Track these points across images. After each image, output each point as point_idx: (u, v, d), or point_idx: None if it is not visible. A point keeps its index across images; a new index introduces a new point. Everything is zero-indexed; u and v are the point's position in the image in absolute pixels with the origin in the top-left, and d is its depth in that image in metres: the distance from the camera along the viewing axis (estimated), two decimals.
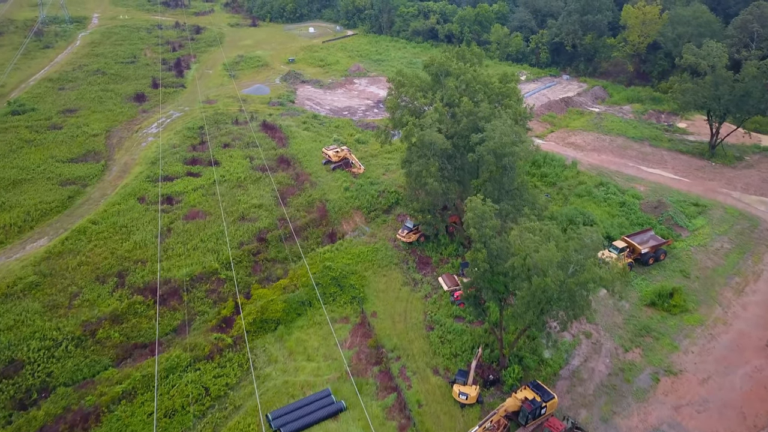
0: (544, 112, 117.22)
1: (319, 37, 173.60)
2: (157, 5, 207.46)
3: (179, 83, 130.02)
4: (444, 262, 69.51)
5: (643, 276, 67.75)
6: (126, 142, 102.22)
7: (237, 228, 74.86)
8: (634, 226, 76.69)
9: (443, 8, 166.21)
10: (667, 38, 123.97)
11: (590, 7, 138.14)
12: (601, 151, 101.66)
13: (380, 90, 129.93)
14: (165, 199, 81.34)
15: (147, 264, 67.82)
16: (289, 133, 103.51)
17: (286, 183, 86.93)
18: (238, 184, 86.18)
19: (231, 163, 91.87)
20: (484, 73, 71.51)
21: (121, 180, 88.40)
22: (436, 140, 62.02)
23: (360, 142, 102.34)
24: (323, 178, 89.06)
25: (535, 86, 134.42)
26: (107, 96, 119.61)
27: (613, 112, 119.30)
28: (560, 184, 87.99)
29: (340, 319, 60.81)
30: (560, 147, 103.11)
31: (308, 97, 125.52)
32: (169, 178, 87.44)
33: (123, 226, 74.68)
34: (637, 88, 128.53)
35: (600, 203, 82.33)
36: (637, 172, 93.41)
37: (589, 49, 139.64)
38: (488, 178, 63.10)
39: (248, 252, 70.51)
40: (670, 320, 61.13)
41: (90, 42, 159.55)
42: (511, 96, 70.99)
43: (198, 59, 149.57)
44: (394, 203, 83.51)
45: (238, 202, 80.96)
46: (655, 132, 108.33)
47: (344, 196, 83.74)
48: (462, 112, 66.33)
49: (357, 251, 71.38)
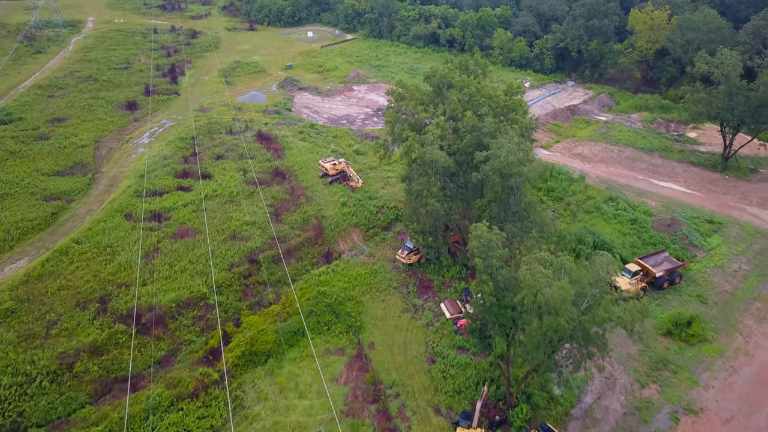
0: (549, 121, 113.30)
1: (318, 41, 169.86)
2: (154, 9, 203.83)
3: (173, 90, 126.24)
4: (446, 286, 65.56)
5: (657, 301, 63.79)
6: (115, 153, 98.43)
7: (228, 248, 70.99)
8: (646, 245, 72.75)
9: (445, 12, 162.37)
10: (676, 44, 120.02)
11: (596, 11, 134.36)
12: (610, 162, 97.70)
13: (380, 97, 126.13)
14: (153, 216, 77.50)
15: (131, 288, 63.97)
16: (284, 144, 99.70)
17: (281, 198, 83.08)
18: (231, 199, 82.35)
19: (224, 177, 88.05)
20: (488, 85, 67.56)
21: (109, 194, 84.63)
22: (438, 158, 58.11)
23: (359, 153, 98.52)
24: (320, 193, 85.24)
25: (540, 93, 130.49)
26: (98, 104, 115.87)
27: (621, 120, 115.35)
28: (568, 199, 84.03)
29: (336, 350, 56.83)
30: (566, 158, 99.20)
31: (306, 105, 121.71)
32: (159, 192, 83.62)
33: (108, 246, 70.85)
34: (645, 95, 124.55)
35: (610, 220, 78.37)
36: (648, 186, 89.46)
37: (594, 54, 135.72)
38: (493, 198, 59.23)
39: (239, 275, 66.61)
40: (688, 351, 57.15)
41: (83, 47, 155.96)
42: (517, 109, 67.03)
43: (193, 65, 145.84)
44: (394, 219, 79.63)
45: (230, 219, 77.10)
46: (664, 142, 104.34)
47: (341, 212, 79.89)
48: (465, 127, 62.39)
49: (354, 273, 67.46)
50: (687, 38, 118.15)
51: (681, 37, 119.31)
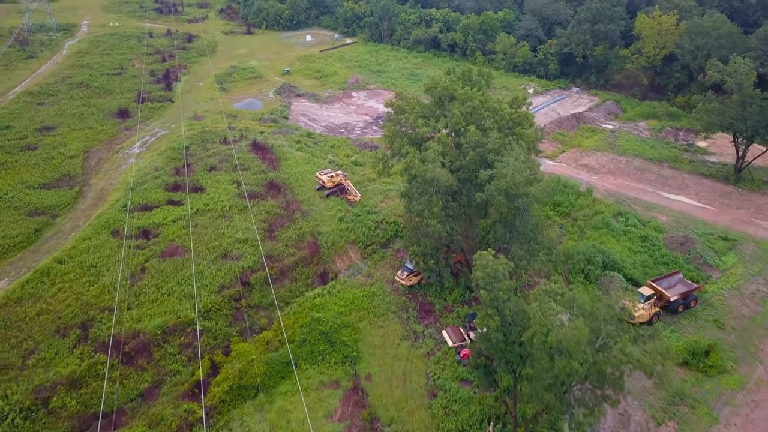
0: (554, 130, 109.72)
1: (316, 45, 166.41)
2: (150, 12, 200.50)
3: (166, 97, 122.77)
4: (449, 311, 61.98)
5: (672, 327, 60.20)
6: (105, 164, 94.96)
7: (218, 268, 67.49)
8: (658, 265, 69.15)
9: (446, 16, 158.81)
10: (685, 50, 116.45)
11: (601, 15, 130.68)
12: (617, 174, 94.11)
13: (379, 104, 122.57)
14: (141, 232, 74.00)
15: (115, 313, 60.46)
16: (280, 155, 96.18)
17: (275, 213, 79.57)
18: (223, 214, 78.86)
19: (216, 190, 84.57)
20: (492, 97, 63.98)
21: (96, 209, 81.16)
22: (440, 177, 54.58)
23: (357, 164, 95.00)
24: (316, 207, 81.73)
25: (544, 100, 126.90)
26: (89, 112, 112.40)
27: (628, 129, 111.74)
28: (575, 214, 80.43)
29: (330, 383, 53.25)
30: (572, 169, 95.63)
31: (303, 113, 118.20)
32: (148, 207, 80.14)
33: (92, 265, 67.36)
34: (652, 102, 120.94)
35: (619, 237, 74.77)
36: (658, 199, 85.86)
37: (600, 60, 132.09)
38: (498, 218, 55.71)
39: (229, 298, 63.09)
40: (707, 383, 53.55)
41: (77, 51, 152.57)
42: (524, 123, 63.49)
43: (188, 70, 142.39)
44: (393, 235, 76.07)
45: (221, 236, 73.60)
46: (674, 152, 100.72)
47: (338, 228, 76.38)
48: (469, 143, 58.87)
49: (351, 296, 63.90)
50: (696, 44, 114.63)
51: (690, 43, 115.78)
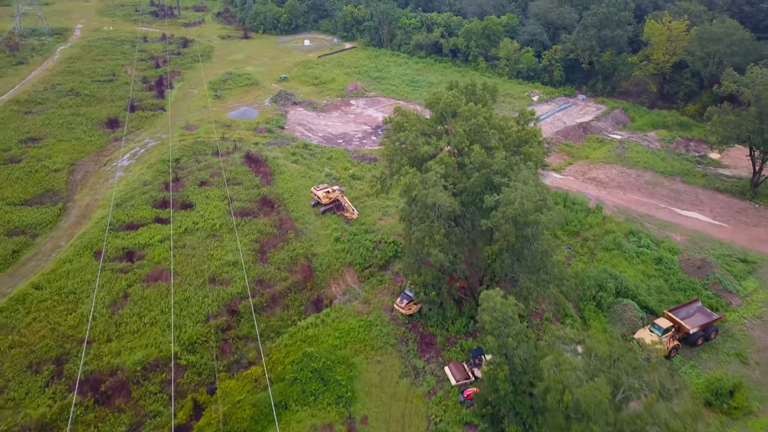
0: (560, 141, 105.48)
1: (315, 50, 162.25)
2: (145, 15, 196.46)
3: (158, 105, 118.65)
4: (451, 343, 57.75)
5: (692, 361, 56.00)
6: (91, 178, 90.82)
7: (205, 294, 63.34)
8: (674, 291, 64.92)
9: (448, 20, 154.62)
10: (695, 57, 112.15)
11: (608, 21, 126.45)
12: (627, 188, 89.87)
13: (379, 113, 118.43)
14: (125, 254, 69.88)
15: (93, 346, 56.34)
16: (275, 168, 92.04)
17: (267, 232, 75.40)
18: (213, 234, 74.74)
19: (206, 206, 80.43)
20: (498, 114, 59.78)
21: (79, 227, 77.05)
22: (442, 203, 50.42)
23: (355, 177, 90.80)
24: (311, 225, 77.60)
25: (549, 108, 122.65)
26: (77, 122, 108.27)
27: (637, 139, 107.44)
28: (584, 234, 76.23)
29: (323, 427, 49.03)
30: (580, 183, 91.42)
31: (300, 122, 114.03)
32: (134, 225, 76.03)
33: (71, 291, 63.24)
34: (662, 111, 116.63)
35: (632, 260, 70.54)
36: (671, 216, 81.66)
37: (607, 66, 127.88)
38: (505, 246, 51.55)
39: (216, 328, 58.89)
40: (732, 427, 49.35)
41: (68, 57, 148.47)
42: (531, 140, 59.31)
43: (182, 77, 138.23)
44: (392, 257, 71.94)
45: (210, 258, 69.46)
46: (686, 165, 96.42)
47: (334, 248, 72.21)
48: (473, 164, 54.72)
49: (347, 326, 59.72)
50: (707, 51, 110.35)
51: (701, 50, 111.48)
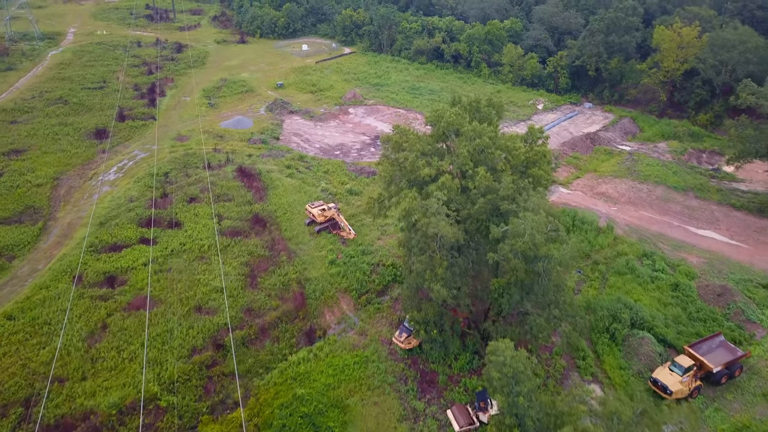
0: (567, 153, 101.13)
1: (313, 55, 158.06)
2: (140, 19, 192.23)
3: (149, 114, 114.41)
4: (454, 382, 53.35)
5: (716, 403, 51.57)
6: (75, 194, 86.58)
7: (190, 325, 59.04)
8: (693, 322, 60.52)
9: (449, 25, 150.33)
10: (707, 65, 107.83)
11: (615, 26, 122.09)
12: (639, 204, 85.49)
13: (378, 122, 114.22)
14: (105, 279, 65.63)
15: (67, 384, 52.05)
16: (268, 182, 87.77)
17: (258, 254, 71.12)
18: (201, 256, 70.50)
19: (195, 225, 76.18)
20: (505, 132, 55.36)
21: (59, 249, 72.82)
22: (445, 233, 46.07)
23: (352, 192, 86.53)
24: (305, 246, 73.31)
25: (555, 117, 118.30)
26: (63, 132, 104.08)
27: (647, 151, 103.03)
28: (595, 256, 71.81)
29: None
30: (589, 198, 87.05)
31: (296, 132, 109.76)
32: (117, 246, 71.78)
33: (46, 322, 58.98)
34: (672, 121, 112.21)
35: (646, 285, 66.16)
36: (685, 236, 77.29)
37: (614, 74, 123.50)
38: (513, 281, 47.23)
39: (200, 365, 54.56)
40: None
41: (59, 62, 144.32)
42: (541, 162, 54.94)
43: (175, 83, 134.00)
44: (391, 281, 67.67)
45: (197, 284, 65.17)
46: (699, 179, 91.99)
47: (329, 272, 67.91)
48: (477, 189, 50.39)
49: (341, 362, 55.34)
50: (720, 58, 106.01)
51: (713, 57, 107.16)
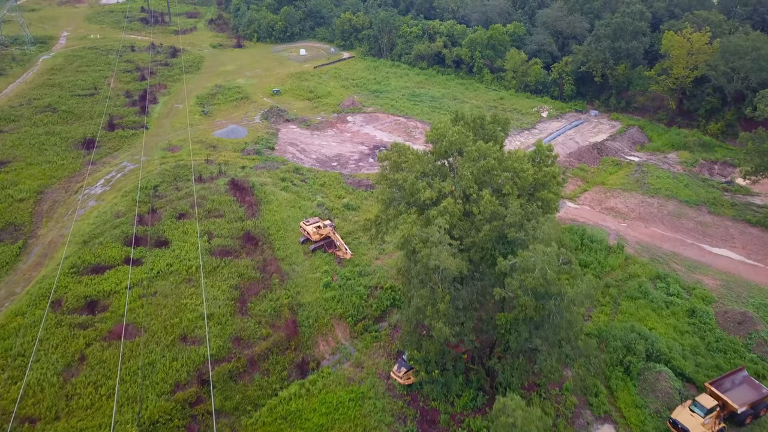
0: (573, 164, 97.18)
1: (311, 60, 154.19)
2: (135, 22, 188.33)
3: (141, 123, 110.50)
4: (457, 422, 49.38)
5: None
6: (59, 209, 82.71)
7: (174, 356, 55.12)
8: (713, 352, 56.60)
9: (451, 29, 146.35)
10: (719, 72, 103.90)
11: (622, 31, 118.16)
12: (649, 220, 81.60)
13: (377, 131, 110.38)
14: (86, 304, 61.72)
15: (38, 426, 48.16)
16: (262, 196, 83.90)
17: (249, 276, 67.21)
18: (188, 278, 66.63)
19: (184, 244, 72.33)
20: (511, 151, 51.40)
21: (39, 270, 68.95)
22: (448, 266, 42.16)
23: (349, 207, 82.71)
24: (298, 267, 69.45)
25: (560, 125, 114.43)
26: (50, 142, 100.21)
27: (657, 162, 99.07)
28: (605, 278, 67.90)
29: None
30: (597, 214, 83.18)
31: (292, 141, 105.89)
32: (100, 268, 67.90)
33: (20, 354, 55.09)
34: (682, 130, 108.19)
35: (661, 311, 62.23)
36: (700, 254, 73.46)
37: (621, 80, 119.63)
38: (522, 317, 43.31)
39: (183, 403, 50.63)
40: None
41: (50, 68, 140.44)
42: (550, 184, 51.03)
43: (169, 90, 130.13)
44: (390, 305, 63.81)
45: (183, 310, 61.26)
46: (712, 192, 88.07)
47: (323, 296, 64.01)
48: (482, 214, 46.52)
49: (335, 399, 51.41)
50: (732, 65, 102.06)
51: (724, 64, 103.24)
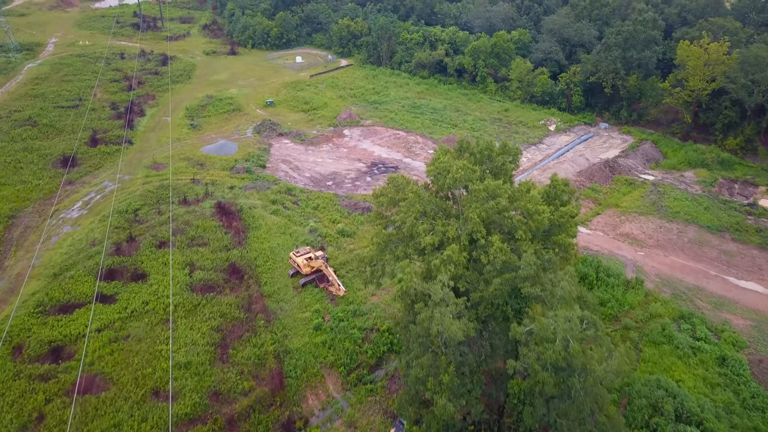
0: (584, 184, 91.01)
1: (307, 68, 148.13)
2: (126, 28, 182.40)
3: (125, 138, 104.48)
4: None
5: None
6: (31, 236, 76.71)
7: (143, 416, 49.00)
8: (750, 411, 50.41)
9: (453, 36, 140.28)
10: (738, 84, 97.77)
11: (634, 40, 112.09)
12: (668, 248, 75.44)
13: (375, 147, 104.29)
14: (50, 351, 55.62)
15: None
16: (250, 221, 77.82)
17: (233, 316, 61.07)
18: (165, 318, 60.52)
19: (163, 278, 66.22)
20: (523, 189, 45.10)
21: (3, 308, 62.86)
22: (452, 333, 36.00)
23: (344, 234, 76.68)
24: (287, 305, 63.39)
25: (568, 140, 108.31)
26: (27, 160, 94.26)
27: (673, 181, 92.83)
28: (624, 319, 61.76)
29: None
30: (611, 240, 77.07)
31: (284, 158, 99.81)
32: (69, 306, 61.83)
33: None
34: (699, 146, 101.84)
35: (688, 359, 56.03)
36: (725, 289, 67.31)
37: (633, 92, 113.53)
38: (539, 390, 37.17)
39: None
40: None
41: (35, 77, 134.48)
42: (568, 227, 44.84)
43: (157, 101, 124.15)
44: (387, 351, 57.75)
45: (157, 357, 55.17)
46: (734, 216, 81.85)
47: (313, 341, 57.91)
48: (492, 264, 40.39)
49: None
50: (752, 77, 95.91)
51: (744, 76, 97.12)
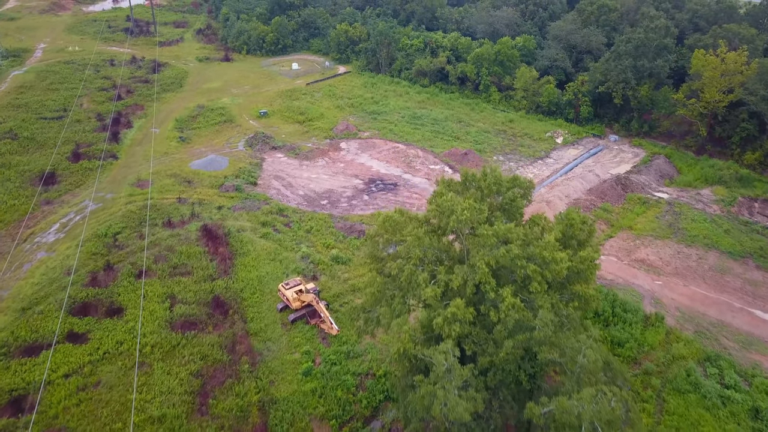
0: (596, 203, 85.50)
1: (303, 75, 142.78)
2: (118, 33, 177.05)
3: (110, 152, 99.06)
4: None
5: None
6: (1, 263, 71.36)
7: None
8: None
9: (455, 42, 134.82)
10: (758, 96, 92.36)
11: (646, 48, 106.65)
12: (688, 276, 69.96)
13: (373, 161, 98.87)
14: (9, 402, 50.26)
15: None
16: (238, 247, 72.44)
17: (215, 358, 55.66)
18: (141, 361, 55.12)
19: (140, 313, 60.86)
20: (541, 239, 39.41)
21: None
22: (458, 415, 30.52)
23: (338, 261, 71.22)
24: (274, 344, 57.96)
25: (577, 153, 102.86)
26: (4, 177, 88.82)
27: (689, 200, 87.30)
28: (644, 361, 56.23)
29: None
30: (626, 267, 71.63)
31: (277, 174, 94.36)
32: (35, 347, 56.43)
33: None
34: (716, 161, 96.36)
35: (717, 410, 50.52)
36: (752, 324, 61.82)
37: (644, 102, 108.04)
38: None
39: None
40: None
41: (20, 85, 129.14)
42: (588, 275, 39.36)
43: (146, 111, 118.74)
44: (384, 398, 52.30)
45: (130, 409, 49.79)
46: (757, 240, 76.36)
47: (302, 389, 52.47)
48: (503, 324, 34.94)
49: None
50: None
51: (764, 88, 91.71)
